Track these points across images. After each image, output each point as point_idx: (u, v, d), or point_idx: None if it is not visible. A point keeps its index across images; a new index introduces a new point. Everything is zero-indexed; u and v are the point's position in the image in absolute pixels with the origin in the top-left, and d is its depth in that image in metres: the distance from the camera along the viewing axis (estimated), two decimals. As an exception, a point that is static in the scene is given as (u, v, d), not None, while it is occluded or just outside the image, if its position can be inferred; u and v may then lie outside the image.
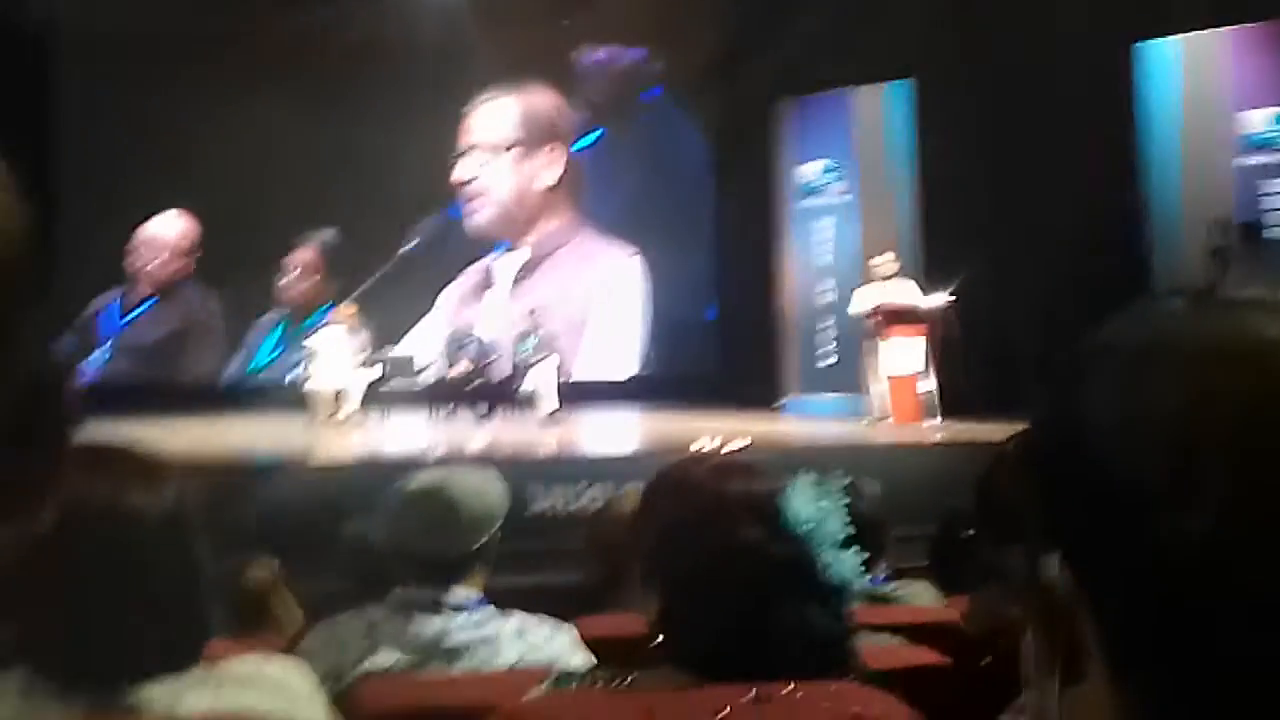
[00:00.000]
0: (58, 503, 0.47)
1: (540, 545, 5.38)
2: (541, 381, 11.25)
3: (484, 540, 2.22)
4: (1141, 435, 0.52)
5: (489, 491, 2.27)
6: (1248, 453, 0.51)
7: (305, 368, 11.18)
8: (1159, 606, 0.52)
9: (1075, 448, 0.53)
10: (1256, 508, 0.50)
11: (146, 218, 13.36)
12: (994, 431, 9.58)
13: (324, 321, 11.78)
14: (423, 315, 14.12)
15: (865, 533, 1.52)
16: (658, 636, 1.45)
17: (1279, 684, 0.50)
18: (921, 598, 3.28)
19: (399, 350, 12.84)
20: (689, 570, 1.44)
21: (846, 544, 1.46)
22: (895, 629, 2.54)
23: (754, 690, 1.31)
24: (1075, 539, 0.54)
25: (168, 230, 13.55)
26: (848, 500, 1.51)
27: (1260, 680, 0.50)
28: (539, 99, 14.69)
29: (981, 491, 2.02)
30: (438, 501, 2.20)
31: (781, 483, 1.49)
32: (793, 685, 1.32)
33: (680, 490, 1.54)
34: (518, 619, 2.17)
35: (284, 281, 13.94)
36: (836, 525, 1.46)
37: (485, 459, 8.94)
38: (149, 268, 13.47)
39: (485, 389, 11.46)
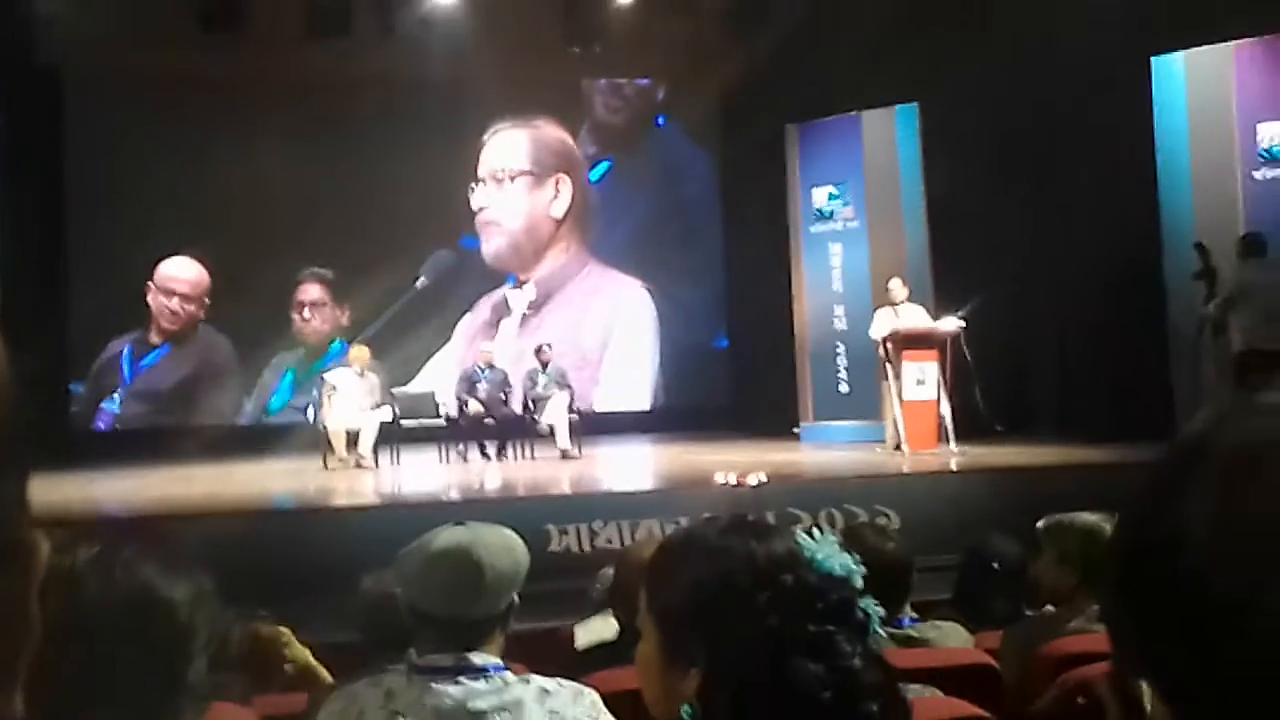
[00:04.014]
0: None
1: (558, 586, 5.30)
2: (555, 417, 11.20)
3: (506, 603, 2.17)
4: (1241, 545, 0.48)
5: (513, 552, 2.19)
6: None
7: (321, 406, 11.11)
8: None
9: (1171, 559, 0.49)
10: None
11: (157, 262, 13.35)
12: (1010, 455, 9.57)
13: (338, 361, 11.73)
14: (439, 347, 14.12)
15: (891, 573, 1.50)
16: (705, 704, 1.41)
17: None
18: (950, 638, 3.22)
19: (414, 387, 12.81)
20: (735, 631, 1.40)
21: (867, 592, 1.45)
22: (928, 676, 2.48)
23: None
24: (1168, 653, 0.49)
25: (180, 275, 13.55)
26: (874, 540, 1.51)
27: None
28: (548, 131, 14.77)
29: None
30: (462, 563, 2.11)
31: (798, 538, 1.48)
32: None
33: (702, 554, 1.50)
34: (538, 683, 2.11)
35: (295, 321, 13.92)
36: (859, 575, 1.45)
37: (501, 498, 8.89)
38: (162, 313, 13.47)
39: (499, 426, 11.41)
